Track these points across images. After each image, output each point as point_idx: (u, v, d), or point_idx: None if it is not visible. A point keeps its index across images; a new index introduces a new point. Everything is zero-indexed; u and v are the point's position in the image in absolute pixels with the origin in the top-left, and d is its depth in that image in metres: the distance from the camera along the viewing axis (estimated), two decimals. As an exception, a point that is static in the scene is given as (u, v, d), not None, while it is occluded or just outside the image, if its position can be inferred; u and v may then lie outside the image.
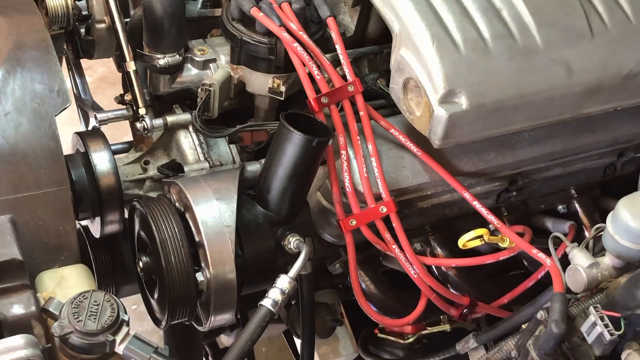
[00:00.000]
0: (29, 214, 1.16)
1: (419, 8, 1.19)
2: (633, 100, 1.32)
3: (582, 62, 1.23)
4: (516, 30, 1.21)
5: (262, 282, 1.23)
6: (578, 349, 1.04)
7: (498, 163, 1.34)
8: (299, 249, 1.18)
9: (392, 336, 1.56)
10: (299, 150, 1.16)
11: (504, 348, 1.14)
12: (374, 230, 1.28)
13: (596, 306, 1.02)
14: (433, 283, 1.30)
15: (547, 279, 1.34)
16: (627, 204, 1.07)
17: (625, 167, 1.51)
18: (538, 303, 1.16)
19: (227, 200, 1.20)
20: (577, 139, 1.38)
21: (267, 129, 1.37)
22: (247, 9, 1.30)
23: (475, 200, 1.28)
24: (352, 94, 1.27)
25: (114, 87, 1.44)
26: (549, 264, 1.17)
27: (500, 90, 1.18)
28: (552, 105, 1.24)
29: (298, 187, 1.22)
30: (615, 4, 1.28)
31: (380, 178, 1.25)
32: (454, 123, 1.17)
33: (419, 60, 1.18)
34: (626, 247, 1.07)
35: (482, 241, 1.28)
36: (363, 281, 1.41)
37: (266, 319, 1.10)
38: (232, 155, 1.41)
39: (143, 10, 1.34)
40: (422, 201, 1.34)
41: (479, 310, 1.39)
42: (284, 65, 1.33)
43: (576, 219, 1.49)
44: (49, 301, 1.02)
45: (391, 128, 1.29)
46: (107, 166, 1.32)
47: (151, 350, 1.00)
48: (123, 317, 1.00)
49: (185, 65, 1.41)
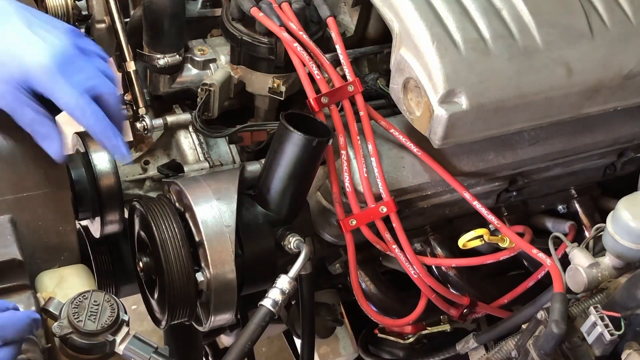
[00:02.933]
0: (29, 214, 1.16)
1: (419, 8, 1.19)
2: (633, 100, 1.32)
3: (582, 62, 1.23)
4: (516, 30, 1.21)
5: (262, 282, 1.23)
6: (578, 349, 1.04)
7: (498, 163, 1.34)
8: (299, 249, 1.18)
9: (392, 336, 1.56)
10: (299, 150, 1.16)
11: (504, 348, 1.14)
12: (374, 230, 1.28)
13: (596, 306, 1.02)
14: (433, 283, 1.30)
15: (547, 279, 1.34)
16: (627, 204, 1.07)
17: (625, 167, 1.51)
18: (538, 303, 1.16)
19: (227, 200, 1.20)
20: (577, 139, 1.38)
21: (267, 129, 1.37)
22: (247, 9, 1.30)
23: (475, 200, 1.28)
24: (352, 94, 1.27)
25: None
26: (549, 264, 1.17)
27: (501, 90, 1.18)
28: (552, 105, 1.24)
29: (298, 187, 1.22)
30: (615, 4, 1.28)
31: (380, 178, 1.25)
32: (454, 123, 1.17)
33: (419, 60, 1.18)
34: (626, 247, 1.07)
35: (482, 241, 1.28)
36: (363, 281, 1.42)
37: (266, 319, 1.10)
38: (232, 155, 1.41)
39: (143, 10, 1.34)
40: (422, 201, 1.34)
41: (479, 310, 1.39)
42: (284, 65, 1.33)
43: (576, 219, 1.49)
44: (49, 301, 1.02)
45: (391, 128, 1.29)
46: (107, 166, 1.32)
47: (151, 350, 1.00)
48: (123, 317, 1.00)
49: (185, 65, 1.41)
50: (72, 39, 1.12)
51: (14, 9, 1.11)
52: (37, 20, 1.12)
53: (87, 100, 1.09)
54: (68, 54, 1.10)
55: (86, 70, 1.12)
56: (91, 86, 1.11)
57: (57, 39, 1.10)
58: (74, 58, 1.10)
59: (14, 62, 1.08)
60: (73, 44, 1.11)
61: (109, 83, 1.14)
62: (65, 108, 1.09)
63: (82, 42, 1.14)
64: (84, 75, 1.11)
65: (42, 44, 1.08)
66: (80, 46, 1.13)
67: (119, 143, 1.13)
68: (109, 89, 1.13)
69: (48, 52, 1.08)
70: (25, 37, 1.09)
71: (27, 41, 1.09)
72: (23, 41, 1.09)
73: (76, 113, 1.09)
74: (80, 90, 1.09)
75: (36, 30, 1.10)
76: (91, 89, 1.11)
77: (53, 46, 1.09)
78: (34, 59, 1.07)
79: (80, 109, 1.09)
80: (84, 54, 1.13)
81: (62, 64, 1.08)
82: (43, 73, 1.08)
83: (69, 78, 1.08)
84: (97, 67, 1.13)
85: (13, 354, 0.93)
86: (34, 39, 1.09)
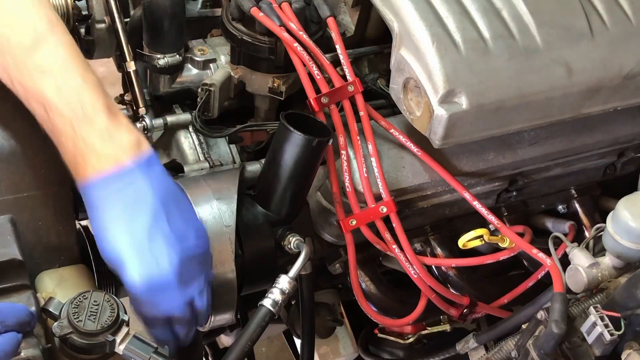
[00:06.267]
0: (29, 214, 1.16)
1: (419, 8, 1.19)
2: (633, 100, 1.32)
3: (582, 62, 1.23)
4: (516, 30, 1.21)
5: (262, 282, 1.23)
6: (578, 349, 1.04)
7: (498, 163, 1.34)
8: (299, 249, 1.18)
9: (392, 336, 1.56)
10: (299, 150, 1.16)
11: (504, 348, 1.14)
12: (374, 230, 1.28)
13: (596, 306, 1.02)
14: (433, 283, 1.30)
15: (547, 279, 1.34)
16: (627, 204, 1.07)
17: (625, 167, 1.51)
18: (538, 303, 1.16)
19: (227, 200, 1.20)
20: (577, 139, 1.38)
21: (267, 129, 1.38)
22: (247, 9, 1.30)
23: (475, 200, 1.28)
24: (352, 94, 1.27)
25: (114, 87, 1.43)
26: (549, 264, 1.17)
27: (500, 90, 1.18)
28: (552, 105, 1.24)
29: (298, 187, 1.22)
30: (615, 4, 1.28)
31: (380, 178, 1.25)
32: (454, 123, 1.17)
33: (419, 60, 1.18)
34: (626, 247, 1.07)
35: (482, 241, 1.28)
36: (363, 281, 1.42)
37: (266, 319, 1.10)
38: (232, 155, 1.41)
39: (143, 10, 1.34)
40: (422, 201, 1.34)
41: (479, 310, 1.39)
42: (284, 65, 1.33)
43: (576, 219, 1.49)
44: (49, 301, 1.02)
45: (391, 128, 1.29)
46: (107, 166, 1.32)
47: (151, 350, 1.00)
48: (123, 317, 1.00)
49: (185, 65, 1.41)
50: (177, 268, 1.04)
51: (151, 201, 1.03)
52: (163, 227, 1.03)
53: (156, 326, 1.08)
54: (162, 284, 1.04)
55: (169, 307, 1.07)
56: (165, 316, 1.07)
57: (165, 260, 1.03)
58: (166, 290, 1.04)
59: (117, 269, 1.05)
60: (177, 272, 1.04)
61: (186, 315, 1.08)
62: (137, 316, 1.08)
63: (190, 269, 1.06)
64: (167, 306, 1.06)
65: (145, 262, 1.02)
66: (184, 274, 1.04)
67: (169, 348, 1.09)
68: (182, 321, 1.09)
69: (144, 275, 1.02)
70: (136, 246, 1.02)
71: (134, 252, 1.02)
72: (132, 250, 1.02)
73: (144, 325, 1.09)
74: (155, 319, 1.07)
75: (154, 240, 1.02)
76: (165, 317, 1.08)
77: (154, 268, 1.03)
78: (129, 276, 1.03)
79: (149, 328, 1.09)
80: (183, 283, 1.05)
81: (150, 292, 1.04)
82: (131, 291, 1.05)
83: (150, 305, 1.05)
84: (184, 302, 1.07)
85: (14, 341, 0.93)
86: (141, 253, 1.02)
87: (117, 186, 1.03)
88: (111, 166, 1.03)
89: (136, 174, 1.03)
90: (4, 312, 0.94)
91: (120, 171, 1.03)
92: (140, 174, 1.04)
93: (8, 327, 0.93)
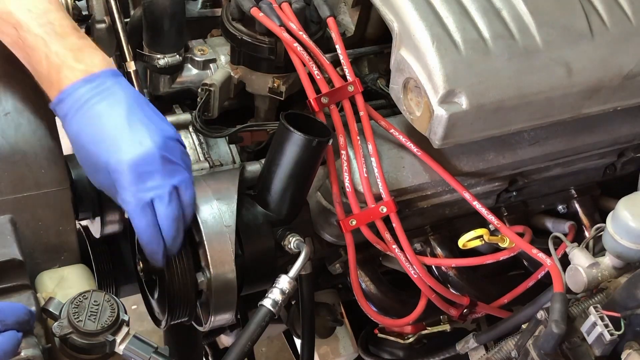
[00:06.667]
0: (29, 214, 1.16)
1: (419, 8, 1.19)
2: (633, 100, 1.32)
3: (582, 62, 1.23)
4: (516, 30, 1.21)
5: (262, 282, 1.23)
6: (578, 349, 1.04)
7: (498, 163, 1.34)
8: (299, 249, 1.18)
9: (392, 336, 1.56)
10: (299, 151, 1.16)
11: (504, 348, 1.14)
12: (374, 230, 1.28)
13: (596, 306, 1.02)
14: (433, 283, 1.30)
15: (547, 279, 1.34)
16: (627, 204, 1.07)
17: (625, 167, 1.51)
18: (538, 303, 1.16)
19: (227, 200, 1.20)
20: (577, 139, 1.38)
21: (267, 129, 1.37)
22: (247, 9, 1.30)
23: (475, 200, 1.28)
24: (352, 94, 1.27)
25: (114, 87, 1.44)
26: (549, 264, 1.17)
27: (500, 90, 1.18)
28: (552, 105, 1.24)
29: (298, 187, 1.22)
30: (615, 4, 1.28)
31: (380, 178, 1.25)
32: (454, 123, 1.17)
33: (419, 60, 1.18)
34: (626, 247, 1.07)
35: (482, 241, 1.28)
36: (363, 281, 1.42)
37: (266, 319, 1.10)
38: (232, 155, 1.41)
39: (143, 10, 1.34)
40: (422, 201, 1.34)
41: (479, 310, 1.39)
42: (284, 65, 1.33)
43: (576, 219, 1.49)
44: (49, 301, 1.02)
45: (391, 128, 1.29)
46: (107, 166, 1.32)
47: (151, 350, 1.00)
48: (123, 317, 1.00)
49: (185, 65, 1.41)
50: (161, 147, 1.10)
51: (124, 98, 1.11)
52: (139, 115, 1.11)
53: (142, 211, 1.10)
54: (147, 160, 1.09)
55: (155, 185, 1.10)
56: (151, 199, 1.10)
57: (147, 139, 1.09)
58: (151, 165, 1.09)
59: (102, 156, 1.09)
60: (159, 147, 1.10)
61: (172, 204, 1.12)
62: (123, 207, 1.12)
63: (170, 151, 1.12)
64: (153, 185, 1.10)
65: (128, 143, 1.08)
66: (166, 154, 1.10)
67: (158, 257, 1.15)
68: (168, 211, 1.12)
69: (129, 153, 1.08)
70: (118, 131, 1.09)
71: (118, 136, 1.09)
72: (115, 135, 1.09)
73: (131, 216, 1.12)
74: (141, 201, 1.09)
75: (133, 125, 1.10)
76: (151, 202, 1.11)
77: (137, 147, 1.08)
78: (115, 158, 1.08)
79: (134, 217, 1.11)
80: (168, 163, 1.11)
81: (137, 168, 1.09)
82: (119, 175, 1.09)
83: (136, 184, 1.09)
84: (171, 184, 1.11)
85: (14, 339, 0.93)
86: (124, 136, 1.09)
87: (90, 89, 1.10)
88: (84, 77, 1.11)
89: (108, 79, 1.12)
90: (3, 311, 0.94)
91: (92, 76, 1.11)
92: (111, 79, 1.12)
93: (7, 326, 0.93)
